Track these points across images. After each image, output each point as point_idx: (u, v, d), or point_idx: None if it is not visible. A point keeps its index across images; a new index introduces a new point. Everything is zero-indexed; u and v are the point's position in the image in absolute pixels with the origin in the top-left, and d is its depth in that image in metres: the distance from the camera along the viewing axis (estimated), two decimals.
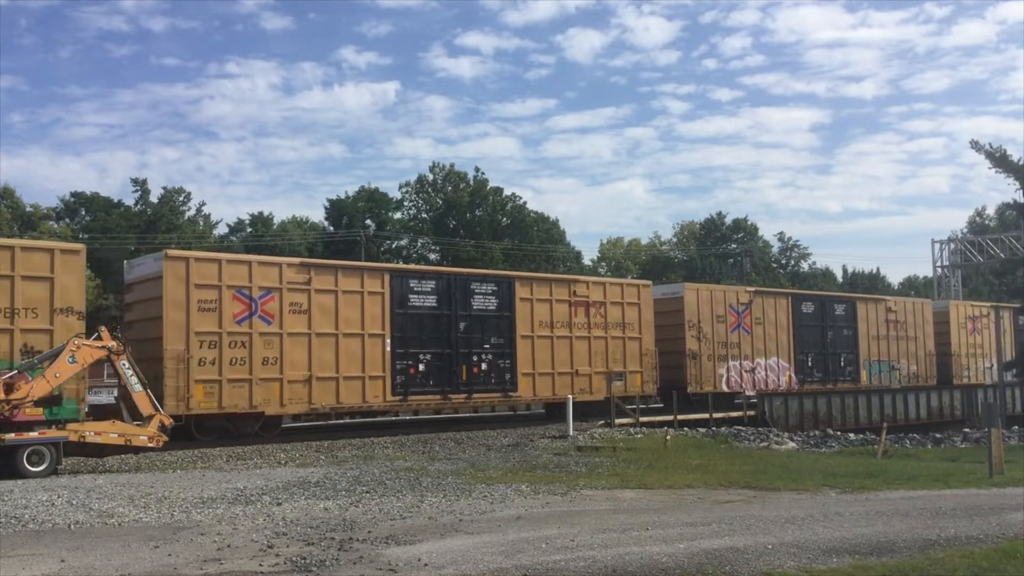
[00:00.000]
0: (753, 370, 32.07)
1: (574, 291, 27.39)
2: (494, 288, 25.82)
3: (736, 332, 31.68)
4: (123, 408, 17.74)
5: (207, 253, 24.53)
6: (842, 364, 35.33)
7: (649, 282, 31.51)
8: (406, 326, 23.89)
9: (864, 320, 36.02)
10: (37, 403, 17.01)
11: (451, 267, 35.42)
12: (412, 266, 30.49)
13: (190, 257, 21.21)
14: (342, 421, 25.06)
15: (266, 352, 21.36)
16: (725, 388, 30.86)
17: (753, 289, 35.20)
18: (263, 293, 21.42)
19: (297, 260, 23.74)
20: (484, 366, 25.28)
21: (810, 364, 34.28)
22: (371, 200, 70.57)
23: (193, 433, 20.44)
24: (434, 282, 24.80)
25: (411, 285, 24.20)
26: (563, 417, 24.74)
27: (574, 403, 24.88)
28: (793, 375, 33.41)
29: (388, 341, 23.44)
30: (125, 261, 22.91)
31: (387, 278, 23.77)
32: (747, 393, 30.71)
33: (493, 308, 25.59)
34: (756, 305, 32.42)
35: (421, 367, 24.06)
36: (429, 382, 24.21)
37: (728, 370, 31.41)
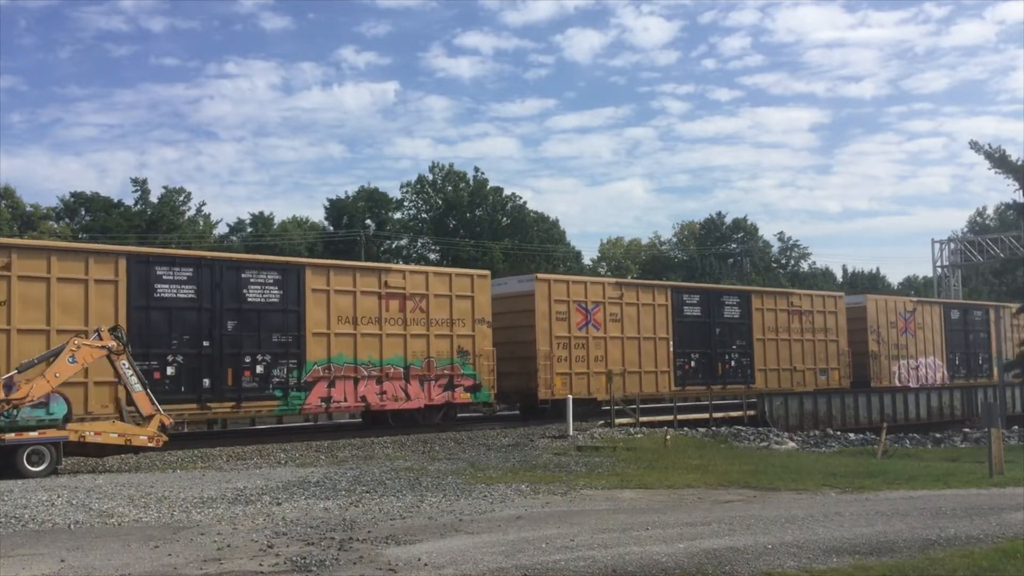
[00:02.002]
0: (917, 368, 37.80)
1: (791, 302, 33.70)
2: (737, 300, 32.01)
3: (904, 335, 37.63)
4: (121, 407, 17.76)
5: (560, 276, 31.59)
6: (980, 362, 40.85)
7: (842, 294, 37.76)
8: (682, 331, 29.95)
9: (994, 324, 41.49)
10: (466, 389, 24.43)
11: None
12: (685, 283, 37.58)
13: (550, 279, 27.45)
14: (636, 406, 27.53)
15: (596, 352, 27.40)
16: (897, 383, 35.99)
17: (916, 299, 41.14)
18: (594, 306, 27.53)
19: (612, 280, 30.84)
20: (732, 363, 31.45)
21: (957, 362, 39.88)
22: (371, 200, 70.52)
23: (548, 413, 25.97)
24: (698, 295, 31.10)
25: (684, 299, 30.36)
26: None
27: (793, 393, 29.81)
28: (945, 372, 39.04)
29: (671, 343, 29.51)
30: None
31: (669, 293, 30.08)
32: (911, 386, 35.65)
33: (737, 316, 31.70)
34: (918, 313, 38.30)
35: (692, 363, 30.24)
36: (698, 376, 30.38)
37: (899, 367, 37.14)
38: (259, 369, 20.93)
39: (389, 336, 23.16)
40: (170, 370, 19.94)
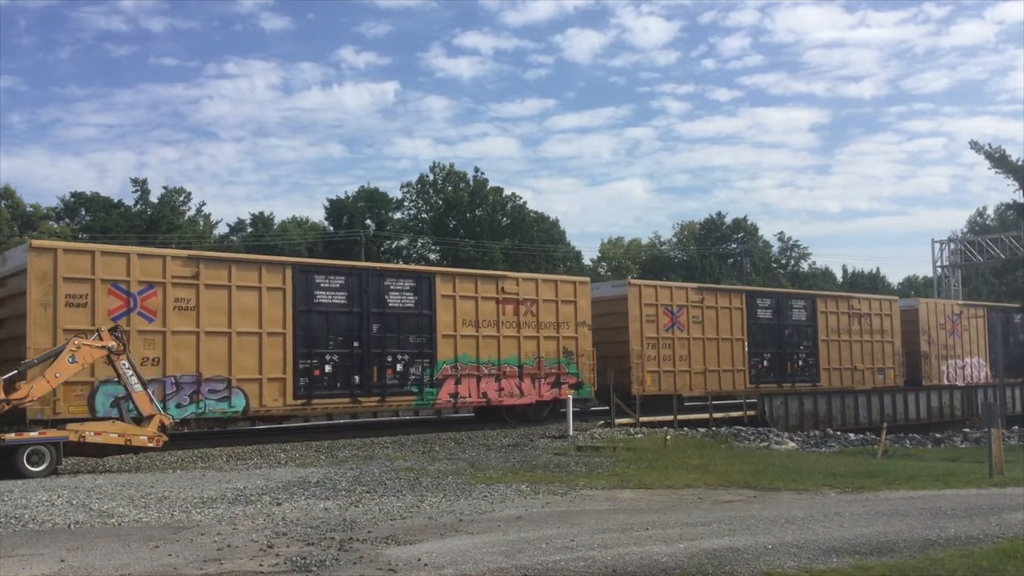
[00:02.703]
0: (963, 367, 39.86)
1: (851, 305, 35.84)
2: (804, 304, 34.48)
3: (952, 337, 39.86)
4: (121, 408, 17.74)
5: (649, 281, 32.83)
6: (1021, 362, 42.34)
7: (897, 297, 39.68)
8: (755, 332, 32.27)
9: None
10: (570, 386, 26.30)
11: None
12: (758, 288, 40.53)
13: (641, 284, 29.83)
14: (636, 407, 27.85)
15: (680, 351, 29.58)
16: (945, 381, 38.06)
17: (963, 302, 43.75)
18: (678, 309, 29.85)
19: (695, 285, 32.29)
20: (800, 363, 33.76)
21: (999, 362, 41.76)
22: (371, 200, 70.52)
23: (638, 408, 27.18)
24: (770, 299, 33.54)
25: (757, 302, 32.86)
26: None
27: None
28: (988, 371, 41.02)
29: (746, 344, 31.86)
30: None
31: (744, 297, 32.48)
32: (958, 384, 37.40)
33: (804, 319, 34.10)
34: (964, 315, 40.43)
35: (765, 363, 32.49)
36: (771, 374, 32.64)
37: (947, 367, 39.28)
38: (399, 367, 23.44)
39: (505, 338, 25.45)
40: (328, 368, 22.27)
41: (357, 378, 22.66)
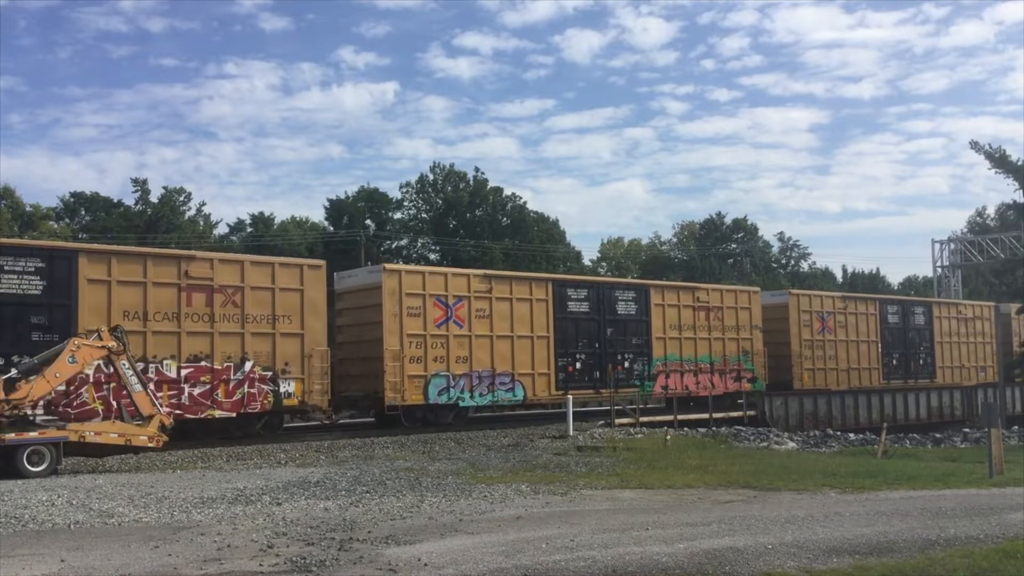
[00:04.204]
0: None
1: (959, 310, 41.20)
2: (923, 310, 39.77)
3: None
4: (121, 407, 17.75)
5: (805, 291, 38.46)
6: None
7: (993, 303, 44.63)
8: (886, 335, 37.54)
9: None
10: (748, 381, 31.23)
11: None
12: (888, 295, 46.59)
13: (799, 294, 35.62)
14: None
15: (829, 352, 35.04)
16: None
17: None
18: (827, 315, 35.23)
19: (839, 294, 38.56)
20: (921, 361, 39.03)
21: None
22: (371, 200, 70.44)
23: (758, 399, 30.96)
24: (898, 306, 38.82)
25: (887, 309, 38.13)
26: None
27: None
28: None
29: (879, 345, 37.22)
30: (760, 291, 34.57)
31: (877, 303, 37.92)
32: None
33: (923, 323, 39.25)
34: None
35: (895, 362, 37.85)
36: (899, 372, 37.94)
37: None
38: (626, 364, 28.47)
39: (700, 339, 30.46)
40: (578, 364, 27.43)
41: (597, 373, 27.68)
